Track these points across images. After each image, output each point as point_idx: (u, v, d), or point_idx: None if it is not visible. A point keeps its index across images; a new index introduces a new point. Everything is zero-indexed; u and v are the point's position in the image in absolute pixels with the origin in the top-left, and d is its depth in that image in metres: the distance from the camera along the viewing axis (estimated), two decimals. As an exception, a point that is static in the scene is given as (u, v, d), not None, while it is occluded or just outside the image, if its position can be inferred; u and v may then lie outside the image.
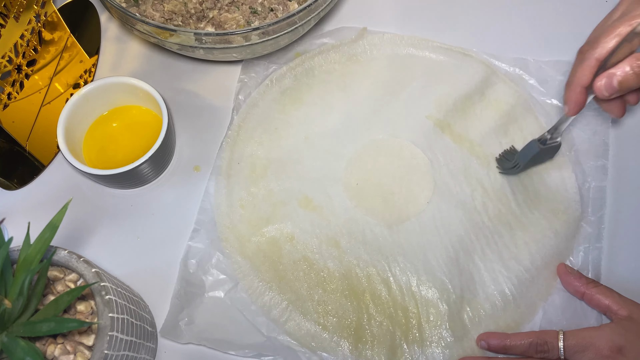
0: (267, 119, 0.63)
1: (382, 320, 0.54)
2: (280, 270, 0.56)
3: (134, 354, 0.47)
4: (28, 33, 0.61)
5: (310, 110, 0.63)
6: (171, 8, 0.60)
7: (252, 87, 0.64)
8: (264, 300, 0.55)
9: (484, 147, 0.61)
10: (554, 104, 0.63)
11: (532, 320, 0.54)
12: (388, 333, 0.54)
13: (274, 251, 0.57)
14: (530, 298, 0.55)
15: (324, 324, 0.54)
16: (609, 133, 0.61)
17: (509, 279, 0.55)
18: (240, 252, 0.57)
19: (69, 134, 0.56)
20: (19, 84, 0.62)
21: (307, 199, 0.59)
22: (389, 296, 0.55)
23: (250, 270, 0.56)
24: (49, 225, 0.42)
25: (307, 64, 0.65)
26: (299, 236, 0.57)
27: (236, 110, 0.63)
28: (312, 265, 0.56)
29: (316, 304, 0.55)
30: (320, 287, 0.56)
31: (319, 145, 0.62)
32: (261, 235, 0.58)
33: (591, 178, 0.59)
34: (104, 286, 0.44)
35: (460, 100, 0.63)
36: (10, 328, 0.40)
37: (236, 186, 0.60)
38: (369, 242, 0.57)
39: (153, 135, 0.56)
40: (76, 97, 0.56)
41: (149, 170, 0.57)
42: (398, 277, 0.56)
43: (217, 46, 0.56)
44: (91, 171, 0.54)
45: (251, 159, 0.61)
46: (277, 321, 0.54)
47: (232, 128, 0.62)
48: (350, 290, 0.55)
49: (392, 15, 0.69)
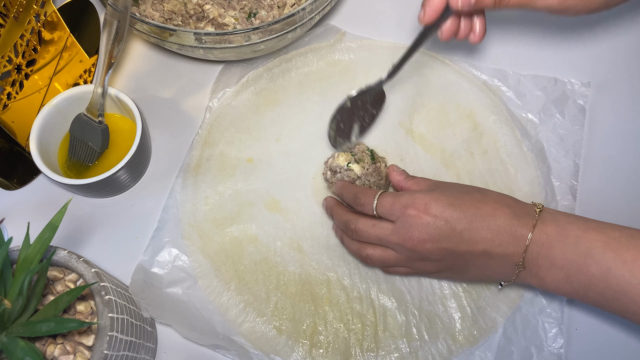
0: (240, 118, 0.63)
1: (339, 327, 0.54)
2: (240, 271, 0.56)
3: (133, 354, 0.47)
4: (28, 33, 0.61)
5: (284, 112, 0.63)
6: (171, 8, 0.60)
7: (228, 86, 0.64)
8: (221, 301, 0.55)
9: (454, 157, 0.60)
10: (530, 118, 0.62)
11: (491, 337, 0.54)
12: (343, 340, 0.54)
13: (236, 252, 0.57)
14: (489, 314, 0.54)
15: (279, 327, 0.54)
16: (581, 154, 0.60)
17: (468, 294, 0.55)
18: (202, 251, 0.57)
19: (42, 144, 0.55)
20: (18, 84, 0.62)
21: (274, 201, 0.59)
22: (347, 303, 0.55)
23: (210, 270, 0.56)
24: (48, 225, 0.42)
25: (284, 65, 0.65)
26: (262, 238, 0.57)
27: (210, 109, 0.63)
28: (273, 268, 0.56)
29: (273, 307, 0.55)
30: (279, 290, 0.56)
31: (290, 148, 0.61)
32: (224, 234, 0.58)
33: (560, 197, 0.58)
34: (104, 286, 0.44)
35: (434, 108, 0.63)
36: (9, 328, 0.40)
37: (203, 184, 0.60)
38: (332, 248, 0.57)
39: (130, 142, 0.55)
40: (47, 108, 0.55)
41: (126, 177, 0.57)
42: (358, 285, 0.55)
43: (217, 46, 0.56)
44: (65, 181, 0.53)
45: (221, 157, 0.61)
46: (233, 322, 0.54)
47: (204, 127, 0.62)
48: (309, 295, 0.55)
49: (392, 15, 0.69)
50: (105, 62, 0.54)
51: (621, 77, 0.64)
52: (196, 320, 0.54)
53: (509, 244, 0.47)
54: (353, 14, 0.69)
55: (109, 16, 0.53)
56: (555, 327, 0.53)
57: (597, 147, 0.61)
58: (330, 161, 0.57)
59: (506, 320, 0.54)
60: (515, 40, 0.67)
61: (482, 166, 0.60)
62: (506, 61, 0.65)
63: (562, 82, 0.63)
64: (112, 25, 0.53)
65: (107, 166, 0.54)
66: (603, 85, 0.64)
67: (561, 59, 0.66)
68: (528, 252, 0.47)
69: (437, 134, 0.62)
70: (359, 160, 0.56)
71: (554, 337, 0.53)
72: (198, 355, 0.54)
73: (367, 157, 0.56)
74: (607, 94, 0.64)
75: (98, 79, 0.55)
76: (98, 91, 0.55)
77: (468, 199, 0.49)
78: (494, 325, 0.54)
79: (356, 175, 0.55)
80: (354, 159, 0.56)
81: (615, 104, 0.63)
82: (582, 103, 0.62)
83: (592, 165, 0.60)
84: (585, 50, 0.66)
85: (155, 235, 0.57)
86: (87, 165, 0.57)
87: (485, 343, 0.53)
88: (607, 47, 0.66)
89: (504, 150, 0.61)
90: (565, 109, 0.62)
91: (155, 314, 0.52)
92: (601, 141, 0.62)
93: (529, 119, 0.62)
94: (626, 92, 0.64)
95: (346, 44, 0.66)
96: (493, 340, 0.54)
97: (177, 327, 0.53)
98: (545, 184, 0.59)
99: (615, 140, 0.62)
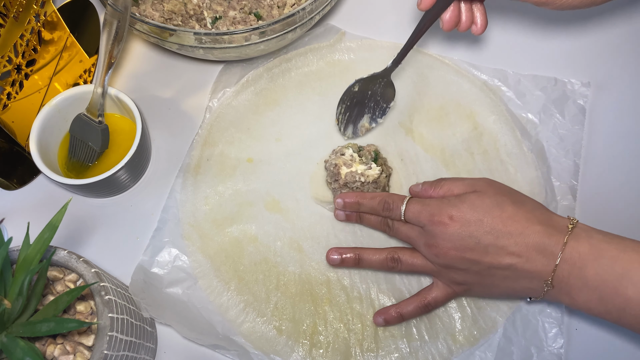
0: (240, 118, 0.63)
1: (339, 327, 0.54)
2: (240, 271, 0.56)
3: (133, 354, 0.47)
4: (27, 33, 0.61)
5: (284, 112, 0.63)
6: (171, 8, 0.60)
7: (228, 86, 0.64)
8: (221, 301, 0.55)
9: (454, 157, 0.60)
10: (530, 118, 0.62)
11: (491, 337, 0.54)
12: (343, 340, 0.54)
13: (236, 252, 0.57)
14: (489, 314, 0.54)
15: (279, 327, 0.54)
16: (581, 154, 0.60)
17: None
18: (202, 251, 0.57)
19: (42, 144, 0.55)
20: (18, 84, 0.61)
21: (274, 201, 0.59)
22: (347, 303, 0.55)
23: (210, 270, 0.56)
24: (48, 225, 0.42)
25: (284, 65, 0.65)
26: (262, 238, 0.57)
27: (209, 109, 0.63)
28: (273, 268, 0.56)
29: (273, 307, 0.55)
30: (279, 290, 0.55)
31: (290, 148, 0.61)
32: (224, 235, 0.57)
33: (560, 197, 0.58)
34: (104, 286, 0.44)
35: (434, 108, 0.62)
36: (9, 328, 0.40)
37: (203, 184, 0.59)
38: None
39: (130, 142, 0.55)
40: (47, 108, 0.55)
41: (126, 177, 0.57)
42: (358, 285, 0.55)
43: (217, 46, 0.56)
44: (65, 181, 0.53)
45: (221, 157, 0.61)
46: (233, 322, 0.54)
47: (204, 127, 0.62)
48: (309, 295, 0.55)
49: (392, 15, 0.69)
50: (105, 62, 0.54)
51: (621, 77, 0.64)
52: (196, 320, 0.54)
53: (537, 261, 0.46)
54: (353, 13, 0.69)
55: (109, 16, 0.53)
56: (555, 327, 0.53)
57: (597, 147, 0.61)
58: (336, 160, 0.56)
59: (506, 321, 0.54)
60: (515, 41, 0.67)
61: (482, 166, 0.60)
62: (506, 61, 0.65)
63: (562, 82, 0.63)
64: (112, 25, 0.53)
65: (107, 166, 0.54)
66: (603, 85, 0.64)
67: (561, 59, 0.66)
68: (558, 270, 0.46)
69: (437, 134, 0.61)
70: (363, 156, 0.56)
71: (554, 337, 0.53)
72: (198, 355, 0.54)
73: (368, 157, 0.56)
74: (607, 94, 0.64)
75: (98, 79, 0.55)
76: (98, 91, 0.55)
77: (498, 214, 0.48)
78: (494, 325, 0.54)
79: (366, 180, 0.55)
80: (359, 155, 0.56)
81: (615, 104, 0.63)
82: (582, 103, 0.62)
83: (592, 165, 0.60)
84: (586, 51, 0.66)
85: (155, 235, 0.57)
86: (87, 165, 0.57)
87: (485, 343, 0.53)
88: (607, 47, 0.66)
89: (504, 150, 0.61)
90: (565, 109, 0.62)
91: (155, 314, 0.52)
92: (601, 141, 0.61)
93: (529, 119, 0.62)
94: (626, 92, 0.64)
95: (346, 44, 0.66)
96: (493, 341, 0.53)
97: (177, 327, 0.53)
98: (545, 184, 0.59)
99: (615, 140, 0.62)
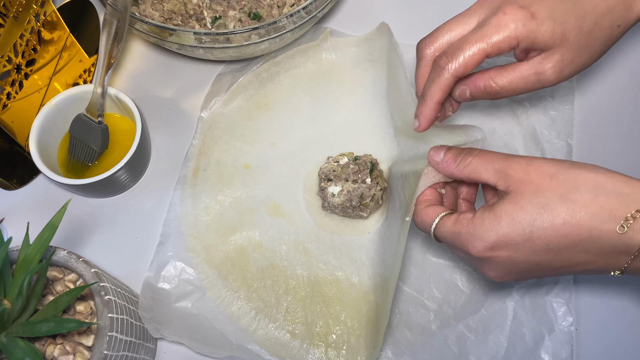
0: (233, 126, 0.62)
1: (353, 325, 0.53)
2: (248, 279, 0.55)
3: (133, 355, 0.47)
4: (27, 33, 0.61)
5: (277, 116, 0.62)
6: (171, 7, 0.60)
7: (218, 94, 0.63)
8: (232, 310, 0.54)
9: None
10: (520, 102, 0.62)
11: (502, 322, 0.54)
12: (358, 339, 0.53)
13: (242, 260, 0.56)
14: (500, 298, 0.54)
15: (293, 331, 0.53)
16: (573, 134, 0.61)
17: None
18: (207, 262, 0.56)
19: (42, 144, 0.55)
20: (18, 84, 0.61)
21: (275, 205, 0.58)
22: (358, 300, 0.54)
23: (217, 280, 0.55)
24: (48, 225, 0.42)
25: (273, 69, 0.64)
26: (267, 243, 0.56)
27: (201, 120, 0.62)
28: (281, 273, 0.55)
29: (285, 312, 0.54)
30: (289, 294, 0.55)
31: (286, 151, 0.61)
32: (228, 243, 0.56)
33: None
34: (104, 286, 0.44)
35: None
36: (9, 328, 0.40)
37: (202, 194, 0.58)
38: (338, 247, 0.56)
39: (129, 142, 0.55)
40: (47, 108, 0.55)
41: (126, 177, 0.56)
42: (367, 282, 0.55)
43: (217, 46, 0.56)
44: (65, 181, 0.53)
45: (218, 166, 0.60)
46: (246, 330, 0.53)
47: (197, 137, 0.61)
48: (319, 297, 0.54)
49: (391, 15, 0.69)
50: (105, 62, 0.54)
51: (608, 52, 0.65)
52: (208, 333, 0.53)
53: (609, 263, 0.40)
54: (352, 13, 0.69)
55: (109, 16, 0.53)
56: (563, 306, 0.54)
57: (589, 126, 0.61)
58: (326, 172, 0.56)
59: (516, 304, 0.54)
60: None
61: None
62: (502, 59, 0.65)
63: None
64: (111, 25, 0.53)
65: (107, 166, 0.53)
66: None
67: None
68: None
69: (429, 134, 0.60)
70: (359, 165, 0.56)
71: (563, 316, 0.53)
72: (198, 355, 0.53)
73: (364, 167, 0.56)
74: (594, 70, 0.64)
75: (98, 78, 0.54)
76: (98, 91, 0.55)
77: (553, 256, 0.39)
78: (505, 309, 0.54)
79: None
80: (355, 163, 0.56)
81: (603, 80, 0.63)
82: (571, 82, 0.62)
83: (585, 145, 0.60)
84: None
85: (159, 250, 0.55)
86: (87, 165, 0.57)
87: (497, 328, 0.53)
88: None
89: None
90: (554, 90, 0.62)
91: (166, 332, 0.50)
92: (592, 119, 0.61)
93: (520, 103, 0.62)
94: (614, 68, 0.64)
95: (332, 42, 0.65)
96: (505, 325, 0.53)
97: (189, 343, 0.51)
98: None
99: (605, 118, 0.62)
